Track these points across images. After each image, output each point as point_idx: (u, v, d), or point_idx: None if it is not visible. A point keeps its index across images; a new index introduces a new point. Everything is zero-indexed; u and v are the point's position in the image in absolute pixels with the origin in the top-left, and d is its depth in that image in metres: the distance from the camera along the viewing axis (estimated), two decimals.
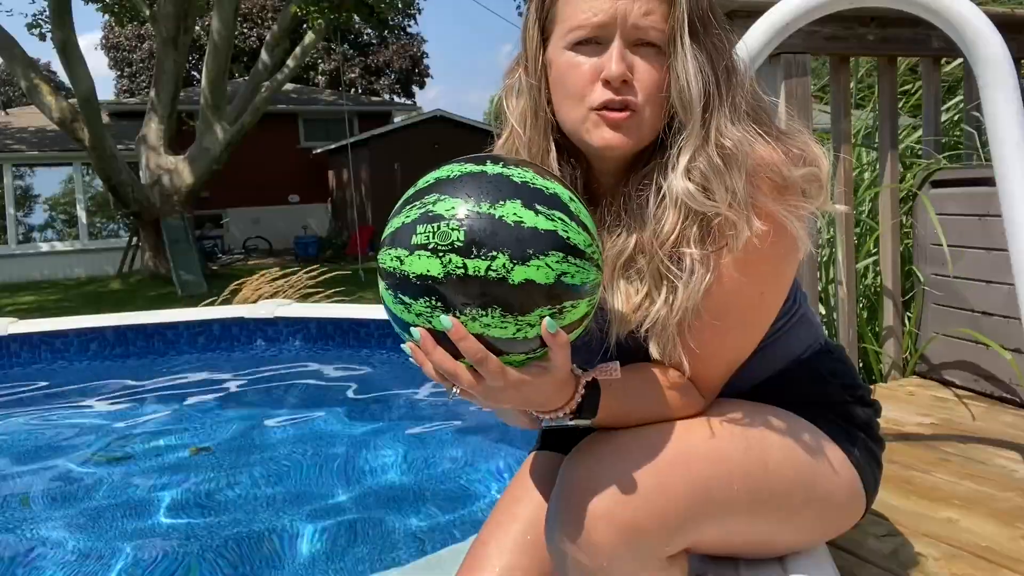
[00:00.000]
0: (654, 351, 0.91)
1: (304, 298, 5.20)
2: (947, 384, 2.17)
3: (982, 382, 2.07)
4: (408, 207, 0.78)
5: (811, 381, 1.05)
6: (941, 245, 2.18)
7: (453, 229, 0.73)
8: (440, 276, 0.74)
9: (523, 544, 1.01)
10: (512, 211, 0.74)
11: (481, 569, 1.00)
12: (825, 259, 2.47)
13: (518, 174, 0.78)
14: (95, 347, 3.77)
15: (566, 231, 0.76)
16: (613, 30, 0.86)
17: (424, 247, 0.74)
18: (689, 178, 0.86)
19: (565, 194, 0.79)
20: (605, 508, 0.83)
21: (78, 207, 15.03)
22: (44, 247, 14.83)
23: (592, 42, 0.88)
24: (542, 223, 0.75)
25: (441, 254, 0.73)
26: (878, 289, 2.31)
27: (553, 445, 1.14)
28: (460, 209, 0.74)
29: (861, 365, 2.30)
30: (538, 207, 0.75)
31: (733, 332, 0.93)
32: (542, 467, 1.10)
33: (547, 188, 0.78)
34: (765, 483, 0.92)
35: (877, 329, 2.30)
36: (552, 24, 0.92)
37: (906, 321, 2.30)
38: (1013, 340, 1.95)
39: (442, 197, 0.76)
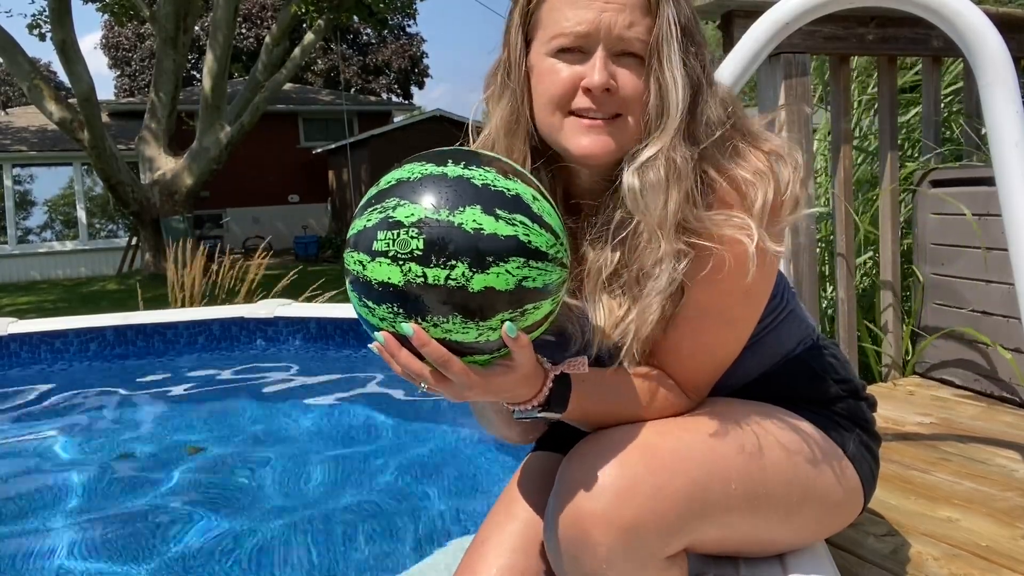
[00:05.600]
0: (625, 362, 0.92)
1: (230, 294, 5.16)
2: (947, 384, 2.17)
3: (982, 382, 2.07)
4: (370, 210, 0.78)
5: (805, 377, 1.05)
6: (940, 245, 2.18)
7: (412, 237, 0.73)
8: (400, 284, 0.74)
9: (522, 543, 1.01)
10: (471, 217, 0.74)
11: (480, 568, 1.00)
12: (821, 258, 2.47)
13: (479, 175, 0.77)
14: (95, 347, 3.77)
15: (527, 235, 0.76)
16: (596, 40, 0.87)
17: (384, 254, 0.74)
18: (639, 178, 0.87)
19: (527, 193, 0.78)
20: (604, 509, 0.83)
21: (78, 207, 15.02)
22: (44, 247, 14.83)
23: (575, 51, 0.88)
24: (502, 228, 0.74)
25: (401, 262, 0.74)
26: (877, 288, 2.31)
27: (551, 445, 1.14)
28: (419, 216, 0.74)
29: (861, 365, 2.29)
30: (498, 212, 0.75)
31: (718, 330, 0.93)
32: (540, 467, 1.10)
33: (508, 189, 0.77)
34: (762, 481, 0.92)
35: (876, 328, 2.30)
36: (535, 30, 0.92)
37: (905, 321, 2.30)
38: (1013, 340, 1.95)
39: (402, 202, 0.75)
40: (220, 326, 3.83)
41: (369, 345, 0.82)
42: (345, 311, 3.81)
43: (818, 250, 2.28)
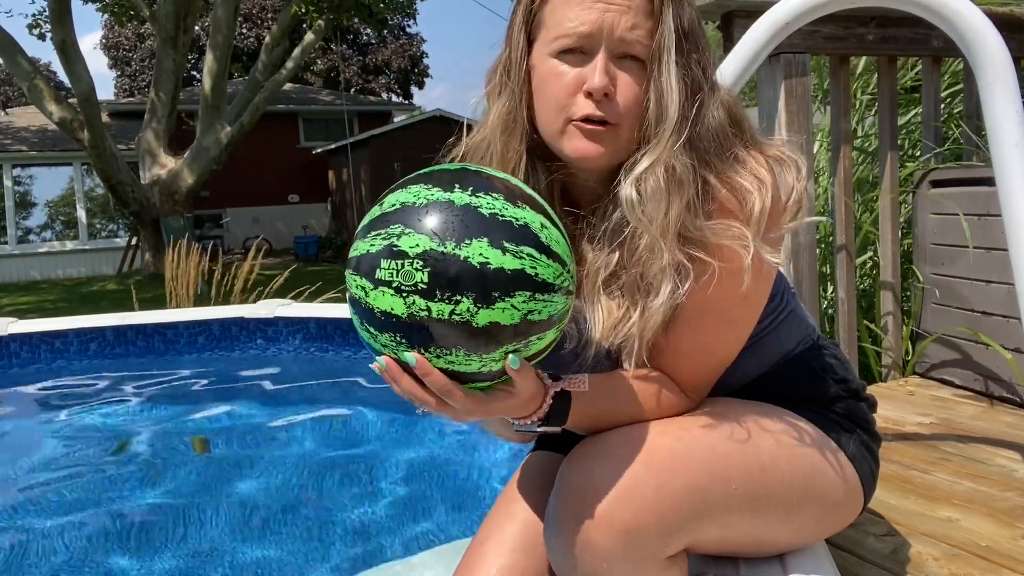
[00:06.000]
0: (627, 366, 0.92)
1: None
2: (947, 384, 2.17)
3: (982, 382, 2.07)
4: (373, 233, 0.76)
5: (805, 377, 1.05)
6: (940, 245, 2.18)
7: (417, 270, 0.72)
8: (404, 316, 0.73)
9: (521, 544, 1.00)
10: (478, 251, 0.72)
11: (479, 569, 1.00)
12: (822, 258, 2.47)
13: (487, 204, 0.75)
14: (95, 347, 3.76)
15: (534, 267, 0.74)
16: (599, 41, 0.86)
17: (388, 284, 0.73)
18: (637, 189, 0.86)
19: (536, 221, 0.77)
20: (605, 510, 0.83)
21: (78, 207, 15.02)
22: (44, 247, 14.83)
23: (577, 52, 0.87)
24: (509, 262, 0.73)
25: (405, 294, 0.72)
26: (877, 288, 2.31)
27: (551, 445, 1.14)
28: (424, 247, 0.72)
29: (861, 365, 2.29)
30: (505, 244, 0.73)
31: (718, 330, 0.93)
32: (540, 467, 1.10)
33: (516, 219, 0.75)
34: (763, 481, 0.92)
35: (876, 328, 2.30)
36: (538, 29, 0.91)
37: (906, 321, 2.30)
38: (1013, 340, 1.95)
39: (407, 231, 0.74)
40: (220, 326, 3.82)
41: (370, 365, 0.81)
42: (345, 311, 3.80)
43: (818, 250, 2.28)
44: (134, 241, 13.39)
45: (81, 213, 15.02)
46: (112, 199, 12.71)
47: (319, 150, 17.74)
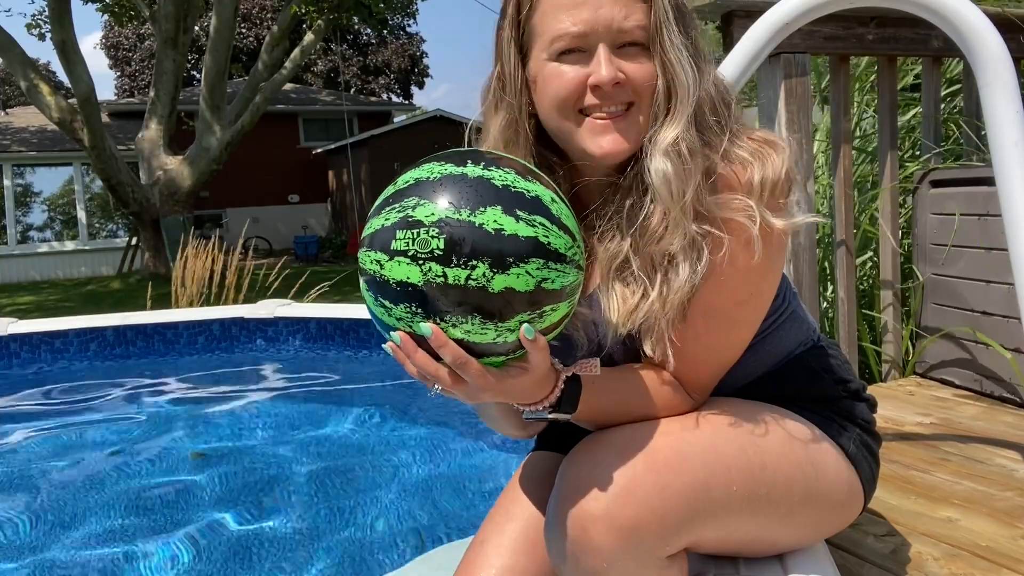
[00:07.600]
0: (647, 348, 0.92)
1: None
2: (947, 384, 2.17)
3: (982, 382, 2.07)
4: (388, 208, 0.77)
5: (805, 377, 1.05)
6: (940, 245, 2.18)
7: (433, 237, 0.73)
8: (420, 284, 0.73)
9: (521, 544, 1.01)
10: (492, 218, 0.73)
11: (479, 569, 1.00)
12: (822, 258, 2.47)
13: (499, 176, 0.76)
14: (95, 347, 3.77)
15: (547, 236, 0.75)
16: (597, 37, 0.87)
17: (403, 254, 0.74)
18: (670, 161, 0.86)
19: (547, 195, 0.78)
20: (605, 509, 0.83)
21: (78, 207, 15.02)
22: (44, 247, 14.83)
23: (576, 51, 0.88)
24: (523, 230, 0.74)
25: (421, 262, 0.73)
26: (877, 288, 2.31)
27: (551, 445, 1.14)
28: (440, 215, 0.73)
29: (861, 365, 2.30)
30: (519, 212, 0.75)
31: (723, 330, 0.93)
32: (540, 467, 1.10)
33: (528, 191, 0.77)
34: (763, 481, 0.92)
35: (876, 329, 2.30)
36: (531, 40, 0.91)
37: (905, 321, 2.30)
38: (1013, 340, 1.95)
39: (422, 201, 0.75)
40: (220, 326, 3.82)
41: (383, 345, 0.81)
42: (345, 311, 3.81)
43: (818, 250, 2.28)
44: (134, 241, 13.40)
45: (81, 213, 15.02)
46: (112, 199, 12.71)
47: (319, 150, 17.74)
